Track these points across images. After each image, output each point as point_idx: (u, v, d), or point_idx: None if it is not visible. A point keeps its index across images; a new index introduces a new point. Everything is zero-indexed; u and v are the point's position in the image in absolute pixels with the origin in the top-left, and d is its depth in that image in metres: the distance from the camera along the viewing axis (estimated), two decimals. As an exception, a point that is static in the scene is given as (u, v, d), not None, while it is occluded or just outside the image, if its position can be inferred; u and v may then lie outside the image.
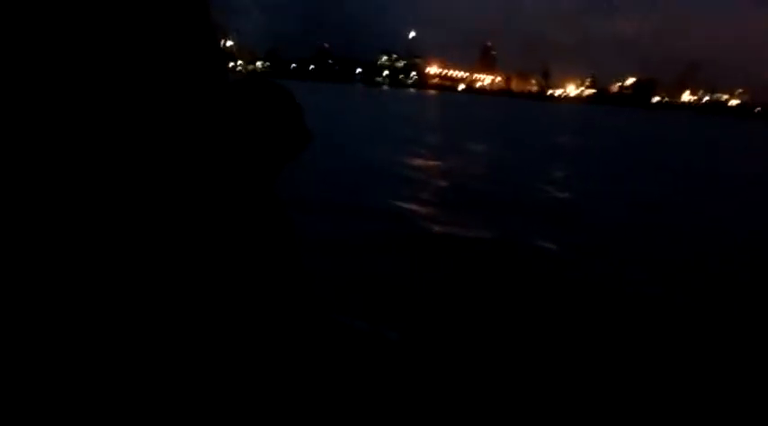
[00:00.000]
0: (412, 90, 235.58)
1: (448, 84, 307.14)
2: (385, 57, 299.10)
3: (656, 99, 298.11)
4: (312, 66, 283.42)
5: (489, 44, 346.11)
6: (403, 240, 7.91)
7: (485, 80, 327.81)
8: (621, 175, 18.40)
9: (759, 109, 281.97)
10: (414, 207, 10.21)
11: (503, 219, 9.97)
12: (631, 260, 8.07)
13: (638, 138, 40.42)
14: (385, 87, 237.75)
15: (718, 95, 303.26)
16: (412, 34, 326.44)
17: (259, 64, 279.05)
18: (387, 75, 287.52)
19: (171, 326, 0.82)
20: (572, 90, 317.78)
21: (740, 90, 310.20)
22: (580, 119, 67.38)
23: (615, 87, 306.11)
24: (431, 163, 16.74)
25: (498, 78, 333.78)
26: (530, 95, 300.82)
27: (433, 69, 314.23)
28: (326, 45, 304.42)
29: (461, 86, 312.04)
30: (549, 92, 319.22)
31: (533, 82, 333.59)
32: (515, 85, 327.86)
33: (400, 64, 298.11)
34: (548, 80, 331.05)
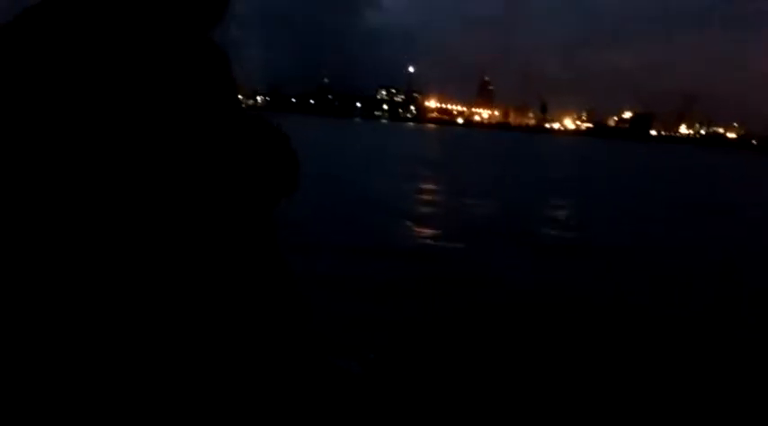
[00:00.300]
0: (411, 124, 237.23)
1: (446, 118, 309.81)
2: (384, 92, 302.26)
3: (653, 132, 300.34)
4: (312, 101, 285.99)
5: (487, 79, 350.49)
6: (396, 278, 7.69)
7: (483, 114, 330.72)
8: (626, 207, 18.06)
9: (755, 141, 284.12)
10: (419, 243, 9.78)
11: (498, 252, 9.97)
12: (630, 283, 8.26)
13: (642, 171, 40.26)
14: (384, 121, 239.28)
15: (715, 129, 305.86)
16: (411, 69, 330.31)
17: (259, 98, 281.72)
18: (386, 110, 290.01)
19: (157, 372, 0.82)
20: (569, 123, 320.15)
21: (736, 124, 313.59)
22: (579, 153, 67.24)
23: (612, 121, 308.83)
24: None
25: (496, 112, 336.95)
26: (528, 128, 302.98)
27: (431, 103, 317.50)
28: (326, 80, 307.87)
29: (460, 120, 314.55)
30: (547, 125, 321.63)
31: (531, 115, 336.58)
32: (513, 119, 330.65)
33: (399, 98, 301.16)
34: (545, 113, 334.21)
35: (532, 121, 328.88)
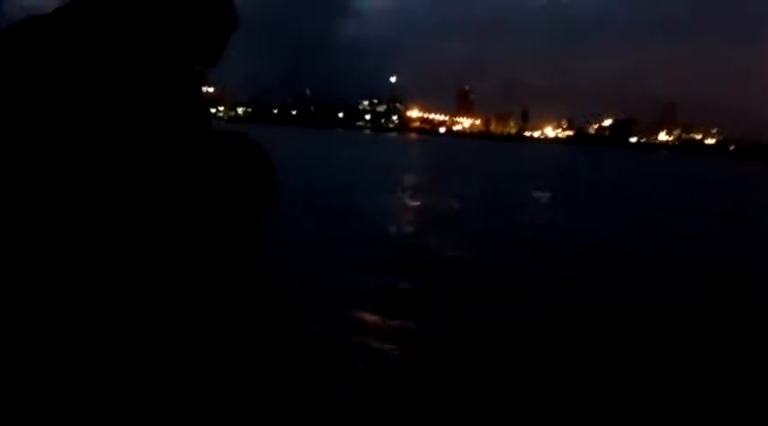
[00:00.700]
0: (393, 134, 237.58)
1: (428, 128, 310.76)
2: (366, 102, 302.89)
3: (633, 139, 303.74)
4: (294, 112, 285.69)
5: (467, 88, 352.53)
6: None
7: (465, 123, 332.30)
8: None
9: (733, 147, 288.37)
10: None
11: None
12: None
13: (622, 176, 40.48)
14: (367, 131, 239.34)
15: (693, 135, 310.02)
16: (393, 79, 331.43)
17: (240, 110, 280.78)
18: (368, 120, 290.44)
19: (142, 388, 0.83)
20: (549, 131, 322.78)
21: (714, 129, 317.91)
22: (561, 161, 67.58)
23: (593, 128, 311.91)
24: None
25: (477, 121, 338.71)
26: (509, 137, 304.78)
27: (413, 113, 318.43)
28: (308, 91, 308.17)
29: (442, 129, 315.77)
30: (528, 133, 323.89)
31: (512, 123, 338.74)
32: (494, 127, 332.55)
33: (381, 108, 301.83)
34: (526, 122, 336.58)
35: (514, 130, 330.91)
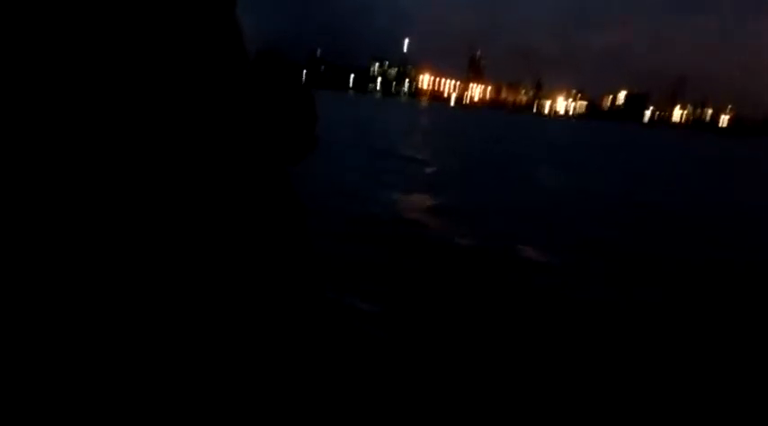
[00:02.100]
0: (404, 99, 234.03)
1: (439, 95, 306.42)
2: (377, 64, 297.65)
3: (647, 113, 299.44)
4: (305, 71, 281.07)
5: (478, 54, 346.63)
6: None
7: (475, 90, 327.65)
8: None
9: (747, 124, 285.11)
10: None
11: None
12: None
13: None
14: (377, 96, 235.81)
15: (708, 110, 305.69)
16: (406, 42, 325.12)
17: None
18: (380, 84, 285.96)
19: (171, 318, 0.83)
20: (561, 102, 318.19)
21: (729, 106, 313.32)
22: (585, 140, 65.64)
23: (607, 101, 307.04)
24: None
25: (489, 88, 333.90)
26: (521, 108, 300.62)
27: (425, 78, 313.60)
28: (318, 51, 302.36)
29: (452, 103, 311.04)
30: (541, 102, 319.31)
31: (523, 92, 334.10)
32: (506, 95, 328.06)
33: (392, 72, 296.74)
34: (540, 91, 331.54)
35: (524, 99, 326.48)
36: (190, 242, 0.85)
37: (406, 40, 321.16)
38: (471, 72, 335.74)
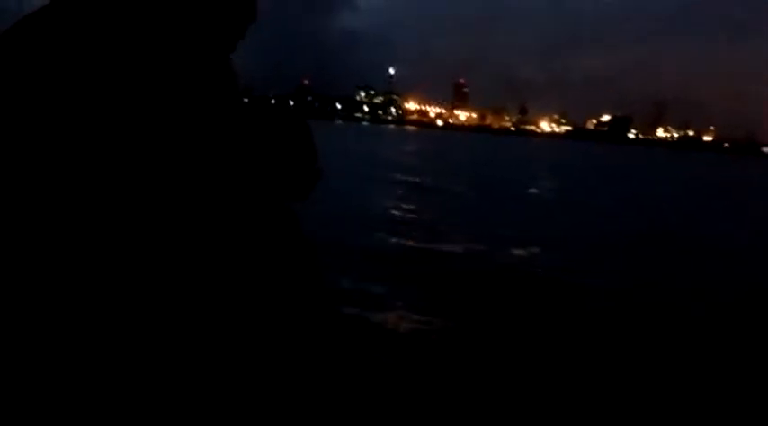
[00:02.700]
0: (392, 126, 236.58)
1: (426, 121, 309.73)
2: (363, 93, 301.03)
3: (631, 135, 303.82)
4: (292, 103, 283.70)
5: (462, 81, 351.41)
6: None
7: (460, 116, 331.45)
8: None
9: (727, 144, 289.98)
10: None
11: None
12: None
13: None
14: (365, 123, 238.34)
15: (689, 132, 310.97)
16: (391, 71, 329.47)
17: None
18: (366, 111, 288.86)
19: (175, 327, 0.83)
20: (545, 126, 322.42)
21: (711, 127, 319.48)
22: (566, 158, 66.97)
23: (591, 123, 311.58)
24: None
25: (474, 114, 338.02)
26: (507, 131, 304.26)
27: (411, 105, 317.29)
28: (306, 81, 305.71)
29: (439, 122, 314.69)
30: (526, 127, 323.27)
31: (507, 117, 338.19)
32: (490, 121, 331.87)
33: (378, 100, 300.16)
34: (525, 116, 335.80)
35: (509, 124, 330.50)
36: (199, 286, 0.85)
37: (391, 69, 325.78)
38: (456, 99, 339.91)
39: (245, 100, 1.06)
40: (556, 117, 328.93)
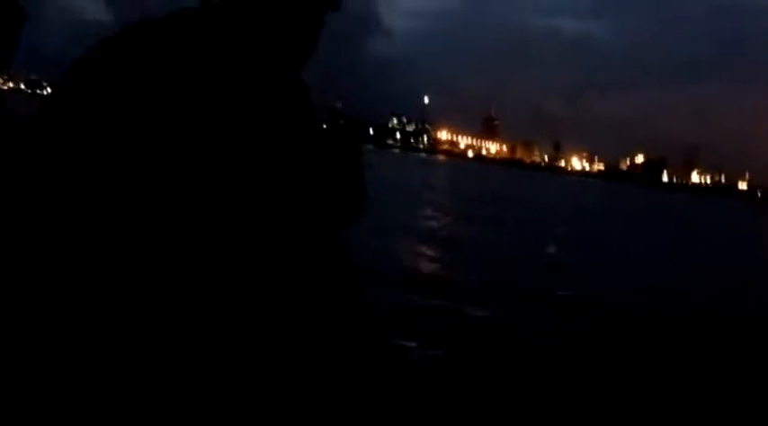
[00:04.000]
0: (423, 154, 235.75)
1: (457, 151, 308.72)
2: (395, 120, 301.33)
3: (665, 178, 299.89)
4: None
5: (493, 113, 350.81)
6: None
7: (491, 148, 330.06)
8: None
9: (760, 193, 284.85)
10: None
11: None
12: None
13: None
14: (396, 150, 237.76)
15: (722, 179, 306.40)
16: (426, 99, 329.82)
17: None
18: (398, 139, 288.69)
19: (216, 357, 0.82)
20: (576, 163, 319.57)
21: (747, 172, 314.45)
22: (622, 205, 64.80)
23: (624, 164, 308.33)
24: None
25: (503, 147, 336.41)
26: (538, 167, 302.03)
27: (442, 135, 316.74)
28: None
29: (470, 153, 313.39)
30: (557, 164, 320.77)
31: (536, 152, 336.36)
32: (520, 154, 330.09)
33: (410, 127, 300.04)
34: (558, 152, 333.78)
35: (537, 159, 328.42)
36: (245, 308, 0.85)
37: (426, 99, 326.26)
38: (485, 130, 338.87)
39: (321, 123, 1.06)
40: (585, 154, 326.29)
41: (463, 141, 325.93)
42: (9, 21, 1.28)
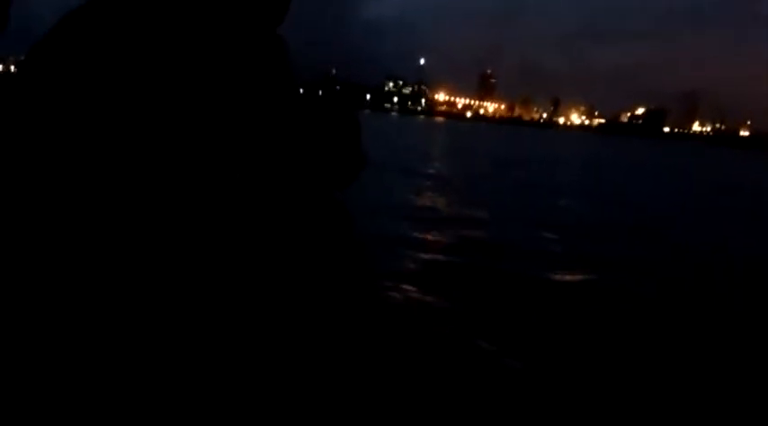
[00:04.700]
0: (421, 117, 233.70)
1: (455, 112, 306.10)
2: (391, 84, 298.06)
3: (666, 129, 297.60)
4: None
5: (489, 72, 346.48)
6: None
7: (489, 107, 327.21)
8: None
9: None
10: None
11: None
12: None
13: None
14: (394, 114, 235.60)
15: (725, 126, 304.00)
16: (422, 61, 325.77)
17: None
18: (395, 102, 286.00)
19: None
20: (575, 118, 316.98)
21: (748, 121, 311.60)
22: (622, 155, 63.85)
23: (625, 117, 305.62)
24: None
25: (502, 106, 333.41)
26: (537, 123, 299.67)
27: (439, 96, 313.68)
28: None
29: (468, 114, 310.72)
30: (557, 120, 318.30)
31: (535, 109, 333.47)
32: (519, 112, 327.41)
33: (407, 90, 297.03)
34: (557, 108, 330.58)
35: (536, 116, 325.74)
36: (246, 272, 0.85)
37: (422, 60, 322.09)
38: (482, 90, 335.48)
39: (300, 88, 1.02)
40: (583, 109, 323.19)
41: (461, 102, 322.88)
42: None
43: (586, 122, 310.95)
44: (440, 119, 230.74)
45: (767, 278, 8.86)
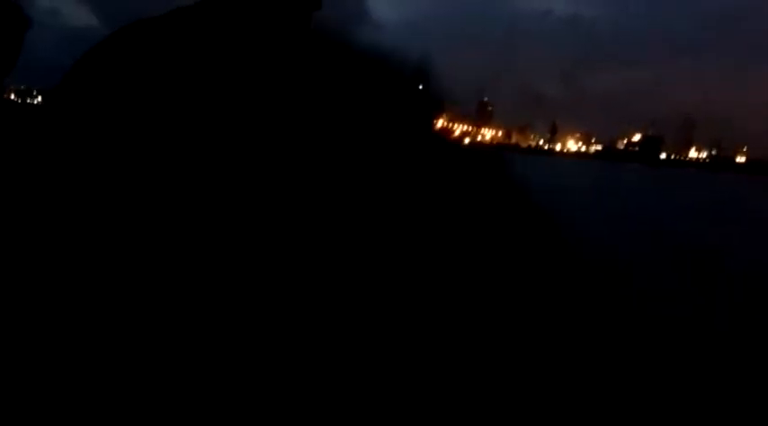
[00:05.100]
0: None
1: (453, 139, 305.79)
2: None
3: (663, 156, 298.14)
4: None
5: (486, 99, 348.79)
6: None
7: (486, 135, 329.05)
8: None
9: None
10: None
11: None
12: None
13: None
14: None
15: (722, 153, 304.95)
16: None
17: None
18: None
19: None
20: (573, 145, 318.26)
21: (744, 148, 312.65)
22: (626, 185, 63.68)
23: (621, 143, 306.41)
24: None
25: (499, 133, 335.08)
26: (535, 151, 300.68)
27: (437, 124, 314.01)
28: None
29: (466, 141, 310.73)
30: (554, 147, 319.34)
31: (532, 136, 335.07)
32: (516, 139, 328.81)
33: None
34: (555, 135, 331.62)
35: (535, 143, 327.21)
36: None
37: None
38: (480, 117, 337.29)
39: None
40: (578, 136, 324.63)
41: (458, 129, 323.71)
42: (14, 27, 1.23)
43: (583, 149, 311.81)
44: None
45: None
